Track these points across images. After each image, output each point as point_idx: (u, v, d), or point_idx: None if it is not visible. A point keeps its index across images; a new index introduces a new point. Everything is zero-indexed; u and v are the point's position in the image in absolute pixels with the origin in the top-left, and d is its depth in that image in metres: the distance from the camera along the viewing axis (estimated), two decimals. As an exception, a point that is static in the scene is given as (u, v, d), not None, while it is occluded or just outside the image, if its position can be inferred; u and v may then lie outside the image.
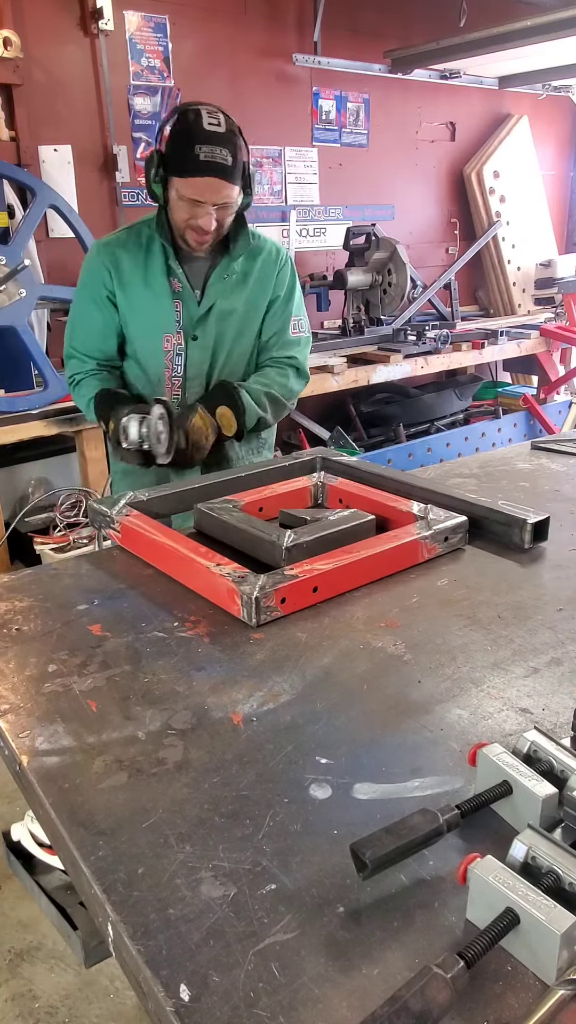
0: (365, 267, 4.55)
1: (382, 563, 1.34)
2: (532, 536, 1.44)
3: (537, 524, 1.45)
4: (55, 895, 1.84)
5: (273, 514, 1.58)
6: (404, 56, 4.74)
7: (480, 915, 0.68)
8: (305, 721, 0.98)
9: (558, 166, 6.39)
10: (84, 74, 3.90)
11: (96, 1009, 1.78)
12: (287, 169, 4.79)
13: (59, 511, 3.17)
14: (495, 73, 5.29)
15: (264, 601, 1.20)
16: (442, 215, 5.67)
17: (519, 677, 1.06)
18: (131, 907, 0.72)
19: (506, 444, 4.71)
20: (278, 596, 1.22)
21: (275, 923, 0.70)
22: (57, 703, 1.03)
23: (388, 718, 0.98)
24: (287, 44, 4.57)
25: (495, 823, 0.81)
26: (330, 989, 0.64)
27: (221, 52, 4.34)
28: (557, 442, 2.12)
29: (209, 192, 1.74)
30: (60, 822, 0.83)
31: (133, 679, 1.08)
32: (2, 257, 3.05)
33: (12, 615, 1.28)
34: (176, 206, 1.81)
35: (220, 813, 0.83)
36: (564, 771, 0.79)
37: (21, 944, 1.94)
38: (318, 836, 0.80)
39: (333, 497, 1.66)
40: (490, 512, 1.50)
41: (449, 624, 1.20)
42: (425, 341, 4.48)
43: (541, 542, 1.47)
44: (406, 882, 0.74)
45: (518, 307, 5.70)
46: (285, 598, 1.23)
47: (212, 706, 1.01)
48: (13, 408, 3.21)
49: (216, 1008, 0.62)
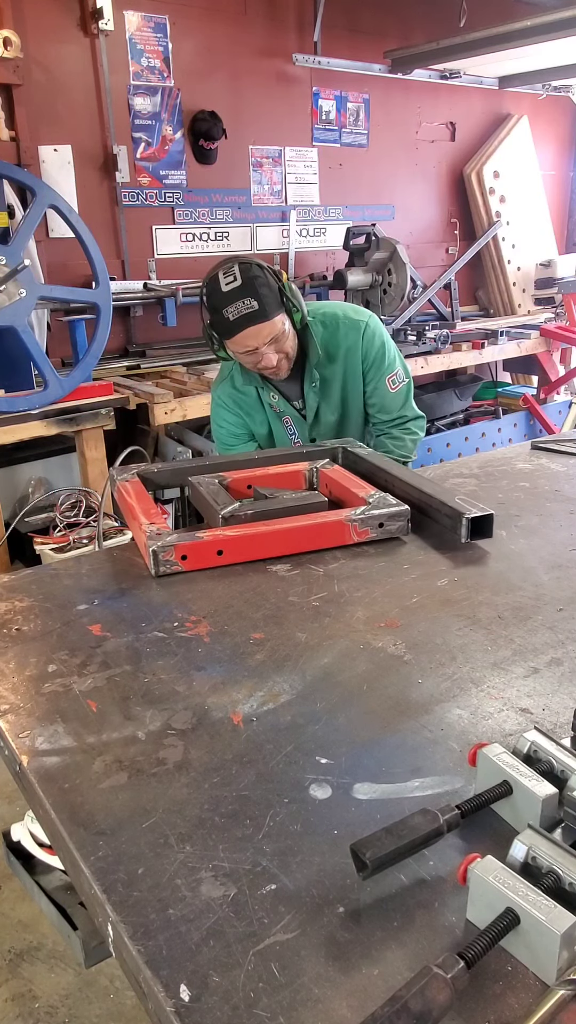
0: (365, 267, 4.55)
1: (298, 537, 1.46)
2: (469, 531, 1.45)
3: (477, 519, 1.45)
4: (55, 895, 1.84)
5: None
6: (404, 56, 4.74)
7: (480, 915, 0.68)
8: (305, 721, 0.98)
9: (558, 166, 6.39)
10: (84, 74, 3.90)
11: (96, 1009, 1.78)
12: (287, 169, 4.79)
13: (59, 511, 3.17)
14: (495, 73, 5.29)
15: (163, 555, 1.38)
16: (442, 215, 5.67)
17: (519, 677, 1.06)
18: (131, 907, 0.72)
19: (506, 444, 4.71)
20: (178, 552, 1.39)
21: (275, 923, 0.70)
22: (57, 703, 1.03)
23: (388, 718, 0.98)
24: (287, 44, 4.57)
25: (495, 823, 0.81)
26: (330, 989, 0.64)
27: (221, 52, 4.33)
28: (557, 442, 2.12)
29: (252, 340, 1.91)
30: (60, 822, 0.83)
31: (133, 679, 1.08)
32: (2, 257, 3.04)
33: (12, 615, 1.28)
34: (240, 359, 2.02)
35: (220, 813, 0.83)
36: (564, 771, 0.79)
37: (21, 944, 1.94)
38: (318, 836, 0.80)
39: (323, 483, 1.73)
40: (442, 505, 1.52)
41: (449, 624, 1.20)
42: (425, 341, 4.48)
43: (484, 538, 1.47)
44: (406, 882, 0.74)
45: (518, 307, 5.70)
46: (186, 555, 1.40)
47: (212, 706, 1.01)
48: (13, 408, 3.20)
49: (216, 1008, 0.62)
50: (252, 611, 1.26)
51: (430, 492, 1.56)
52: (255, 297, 1.85)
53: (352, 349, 2.11)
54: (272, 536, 1.45)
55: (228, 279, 1.86)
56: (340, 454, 1.87)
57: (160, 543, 1.38)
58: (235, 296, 1.85)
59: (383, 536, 1.49)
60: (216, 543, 1.42)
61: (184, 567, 1.40)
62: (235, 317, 1.86)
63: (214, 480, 1.68)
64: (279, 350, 1.97)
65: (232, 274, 1.86)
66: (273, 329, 1.91)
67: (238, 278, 1.85)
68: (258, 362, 1.97)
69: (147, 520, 1.47)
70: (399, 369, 2.20)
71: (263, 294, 1.86)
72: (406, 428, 2.25)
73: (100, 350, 3.31)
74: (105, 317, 3.27)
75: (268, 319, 1.88)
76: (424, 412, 2.31)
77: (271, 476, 1.72)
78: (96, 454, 3.40)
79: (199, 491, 1.63)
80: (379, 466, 1.74)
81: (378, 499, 1.53)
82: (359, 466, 1.79)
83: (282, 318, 1.93)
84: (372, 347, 2.12)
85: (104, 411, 3.34)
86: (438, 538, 1.51)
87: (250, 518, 1.49)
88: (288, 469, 1.76)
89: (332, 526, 1.47)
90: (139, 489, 1.64)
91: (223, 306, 1.86)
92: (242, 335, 1.89)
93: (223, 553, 1.42)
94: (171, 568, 1.39)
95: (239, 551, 1.43)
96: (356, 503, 1.55)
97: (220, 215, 4.54)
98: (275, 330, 1.91)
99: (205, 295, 1.92)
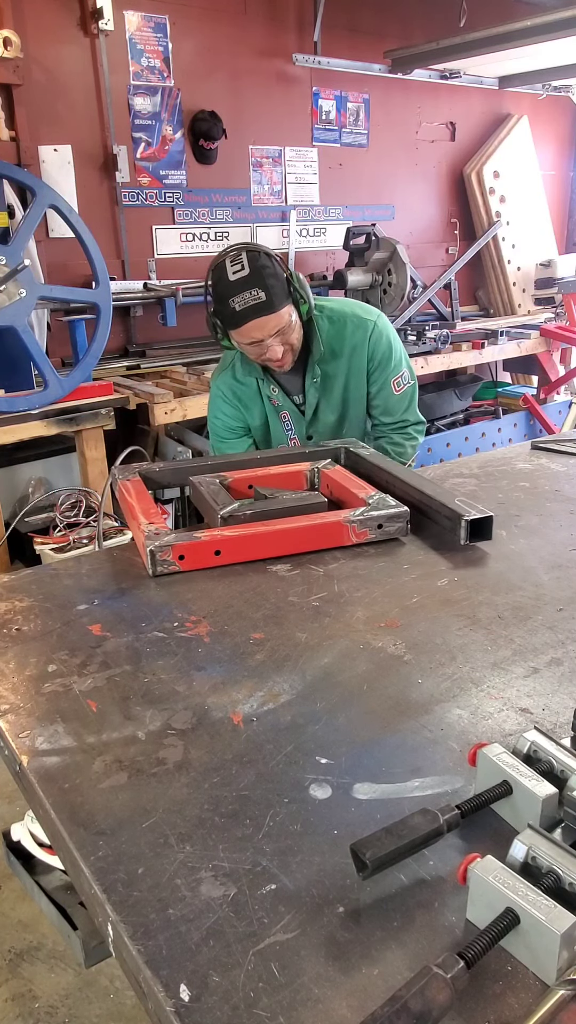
0: (365, 267, 4.55)
1: (297, 538, 1.46)
2: (468, 533, 1.45)
3: (476, 522, 1.45)
4: (55, 895, 1.84)
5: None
6: (404, 56, 4.74)
7: (480, 915, 0.68)
8: (305, 721, 0.98)
9: (558, 166, 6.38)
10: (84, 74, 3.90)
11: (96, 1009, 1.78)
12: (287, 169, 4.79)
13: (59, 511, 3.17)
14: (495, 73, 5.28)
15: (160, 555, 1.38)
16: (442, 215, 5.67)
17: (519, 677, 1.06)
18: (131, 907, 0.72)
19: (506, 444, 4.71)
20: (176, 552, 1.39)
21: (275, 923, 0.70)
22: (57, 703, 1.03)
23: (388, 718, 0.98)
24: (287, 44, 4.57)
25: (495, 823, 0.81)
26: (330, 989, 0.64)
27: (221, 52, 4.33)
28: (557, 442, 2.12)
29: (258, 331, 1.85)
30: (60, 822, 0.83)
31: (133, 679, 1.08)
32: (2, 257, 3.04)
33: (12, 615, 1.28)
34: (244, 350, 1.96)
35: (220, 813, 0.83)
36: (564, 771, 0.79)
37: (21, 944, 1.94)
38: (318, 836, 0.80)
39: (324, 483, 1.73)
40: (441, 507, 1.52)
41: (449, 624, 1.20)
42: (425, 341, 4.48)
43: (483, 540, 1.47)
44: (406, 882, 0.74)
45: (518, 307, 5.70)
46: (184, 555, 1.39)
47: (212, 706, 1.01)
48: (13, 408, 3.20)
49: (216, 1008, 0.62)
50: (252, 611, 1.26)
51: (430, 493, 1.56)
52: (263, 288, 1.80)
53: (358, 348, 2.07)
54: (270, 536, 1.45)
55: (236, 267, 1.80)
56: (343, 454, 1.87)
57: (158, 543, 1.39)
58: (242, 286, 1.80)
59: (382, 537, 1.49)
60: (214, 543, 1.42)
61: (182, 567, 1.40)
62: (242, 308, 1.81)
63: (215, 480, 1.67)
64: (285, 342, 1.92)
65: (240, 262, 1.81)
66: (280, 321, 1.86)
67: (246, 267, 1.80)
68: (263, 354, 1.93)
69: (146, 520, 1.48)
70: (405, 371, 2.15)
71: (271, 284, 1.81)
72: (406, 433, 2.22)
73: (100, 350, 3.31)
74: (105, 317, 3.27)
75: (275, 311, 1.83)
76: (424, 412, 2.29)
77: (273, 476, 1.72)
78: (96, 454, 3.41)
79: (200, 491, 1.63)
80: (380, 466, 1.73)
81: (378, 500, 1.53)
82: (360, 467, 1.79)
83: (289, 309, 1.88)
84: (379, 347, 2.08)
85: (104, 411, 3.34)
86: (438, 538, 1.51)
87: (249, 518, 1.49)
88: (290, 469, 1.75)
89: (331, 527, 1.47)
90: (140, 488, 1.64)
91: (229, 295, 1.81)
92: (248, 326, 1.85)
93: (220, 553, 1.42)
94: (168, 568, 1.39)
95: (237, 551, 1.43)
96: (356, 504, 1.55)
97: (220, 215, 4.54)
98: (282, 322, 1.86)
99: (211, 283, 1.87)
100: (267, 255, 1.84)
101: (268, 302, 1.81)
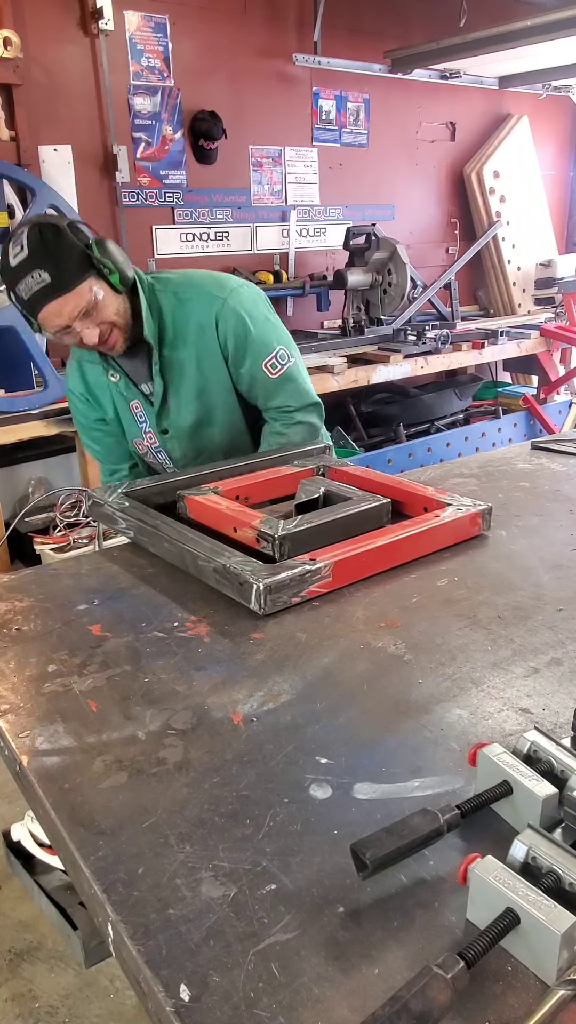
0: (365, 267, 4.55)
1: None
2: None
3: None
4: (55, 895, 1.84)
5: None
6: (404, 56, 4.74)
7: (480, 915, 0.68)
8: (305, 721, 0.98)
9: (558, 166, 6.39)
10: (84, 74, 3.90)
11: (96, 1009, 1.78)
12: (287, 169, 4.79)
13: (59, 511, 3.17)
14: (495, 73, 5.29)
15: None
16: (442, 215, 5.68)
17: (519, 677, 1.06)
18: (131, 907, 0.72)
19: (506, 444, 4.71)
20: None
21: (275, 923, 0.70)
22: (57, 703, 1.03)
23: (388, 718, 0.98)
24: (287, 44, 4.57)
25: (495, 823, 0.81)
26: (330, 989, 0.64)
27: (221, 52, 4.34)
28: (557, 442, 2.12)
29: (57, 317, 1.61)
30: (60, 822, 0.83)
31: (133, 679, 1.08)
32: (2, 257, 3.04)
33: (12, 615, 1.28)
34: (57, 339, 1.70)
35: (220, 813, 0.83)
36: (564, 771, 0.79)
37: (21, 944, 1.94)
38: (318, 836, 0.80)
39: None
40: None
41: (449, 624, 1.20)
42: (425, 341, 4.48)
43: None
44: (406, 882, 0.74)
45: (518, 307, 5.70)
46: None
47: (212, 706, 1.01)
48: (13, 408, 3.21)
49: (216, 1008, 0.62)
50: (252, 610, 1.25)
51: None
52: (46, 267, 1.54)
53: (205, 327, 1.76)
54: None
55: (16, 250, 1.56)
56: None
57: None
58: (24, 269, 1.55)
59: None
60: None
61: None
62: (28, 295, 1.57)
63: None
64: (100, 322, 1.65)
65: (20, 243, 1.55)
66: (79, 300, 1.59)
67: (25, 247, 1.55)
68: (76, 340, 1.66)
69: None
70: (280, 349, 1.82)
71: (58, 260, 1.55)
72: (290, 421, 1.89)
73: (100, 350, 3.30)
74: (105, 317, 3.27)
75: (68, 290, 1.57)
76: (424, 412, 2.20)
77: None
78: (96, 454, 3.40)
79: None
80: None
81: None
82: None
83: (89, 284, 1.60)
84: (230, 326, 1.76)
85: (104, 411, 3.33)
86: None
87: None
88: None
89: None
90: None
91: (15, 283, 1.57)
92: (43, 314, 1.60)
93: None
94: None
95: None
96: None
97: (220, 215, 4.54)
98: (82, 301, 1.59)
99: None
100: (54, 227, 1.58)
101: (56, 282, 1.56)
